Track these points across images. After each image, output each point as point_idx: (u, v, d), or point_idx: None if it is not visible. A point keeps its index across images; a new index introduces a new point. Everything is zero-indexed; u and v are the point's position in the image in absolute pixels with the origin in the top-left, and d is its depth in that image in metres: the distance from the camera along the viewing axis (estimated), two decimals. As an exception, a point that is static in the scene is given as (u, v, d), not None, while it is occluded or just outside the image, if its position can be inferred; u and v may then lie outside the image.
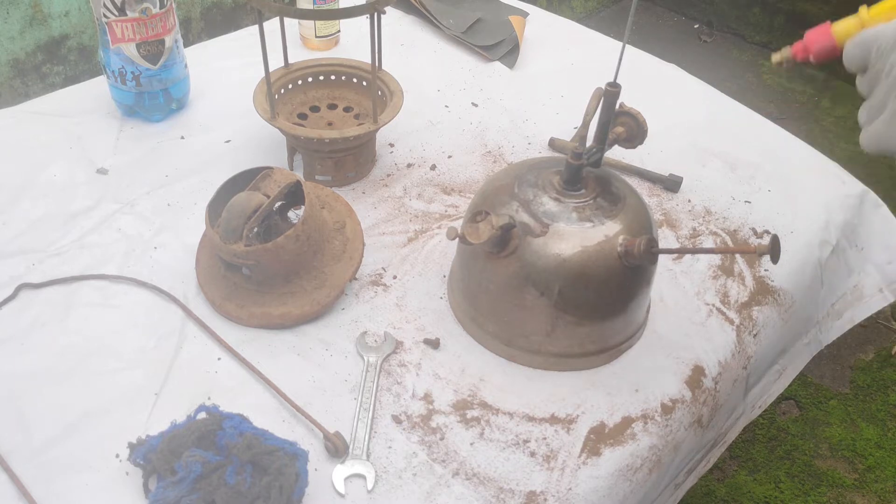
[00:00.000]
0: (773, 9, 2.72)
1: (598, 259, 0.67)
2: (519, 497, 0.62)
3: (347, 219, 0.80)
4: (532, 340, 0.71)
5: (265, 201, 0.73)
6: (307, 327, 0.74)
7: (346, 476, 0.62)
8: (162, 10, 0.90)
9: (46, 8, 1.35)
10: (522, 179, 0.71)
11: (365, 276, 0.80)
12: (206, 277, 0.77)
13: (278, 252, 0.71)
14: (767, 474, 1.50)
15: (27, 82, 1.40)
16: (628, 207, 0.70)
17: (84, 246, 0.81)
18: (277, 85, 0.91)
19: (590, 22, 1.59)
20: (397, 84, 0.91)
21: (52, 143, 0.95)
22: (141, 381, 0.68)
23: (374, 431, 0.66)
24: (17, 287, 0.76)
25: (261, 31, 0.81)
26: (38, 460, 0.62)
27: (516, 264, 0.68)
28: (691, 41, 2.82)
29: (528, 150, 1.00)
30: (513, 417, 0.68)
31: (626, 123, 0.79)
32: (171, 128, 0.99)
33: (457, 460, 0.64)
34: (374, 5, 0.79)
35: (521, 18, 1.24)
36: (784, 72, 0.69)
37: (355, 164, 0.91)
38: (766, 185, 0.97)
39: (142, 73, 0.93)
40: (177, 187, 0.90)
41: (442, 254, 0.83)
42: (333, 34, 1.16)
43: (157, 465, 0.58)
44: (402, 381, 0.70)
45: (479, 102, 1.08)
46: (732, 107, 1.12)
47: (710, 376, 0.74)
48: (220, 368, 0.70)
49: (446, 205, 0.91)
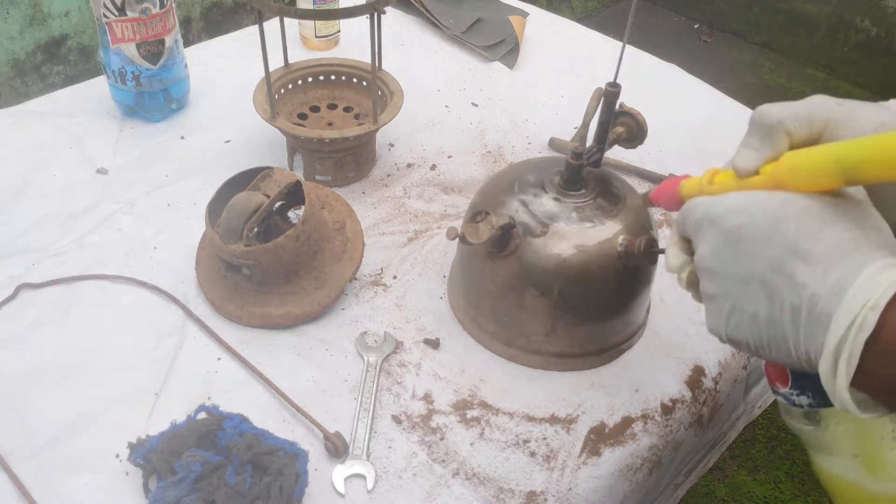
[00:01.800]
0: (773, 9, 2.72)
1: (598, 259, 0.67)
2: (519, 497, 0.62)
3: (347, 219, 0.80)
4: (532, 340, 0.71)
5: (265, 201, 0.73)
6: (307, 327, 0.74)
7: (346, 476, 0.62)
8: (162, 10, 0.90)
9: (46, 8, 1.36)
10: (522, 179, 0.71)
11: (365, 276, 0.80)
12: (206, 277, 0.77)
13: (278, 252, 0.71)
14: (767, 474, 1.50)
15: (27, 82, 1.40)
16: (628, 207, 0.70)
17: (84, 246, 0.81)
18: (277, 85, 0.91)
19: (590, 22, 1.59)
20: (397, 84, 0.91)
21: (52, 143, 0.95)
22: (141, 381, 0.68)
23: (374, 431, 0.66)
24: (17, 287, 0.76)
25: (261, 31, 0.81)
26: (38, 460, 0.62)
27: (516, 264, 0.68)
28: (691, 41, 2.82)
29: (528, 150, 1.00)
30: (513, 417, 0.68)
31: (626, 123, 0.79)
32: (171, 128, 0.99)
33: (457, 460, 0.64)
34: (374, 5, 0.79)
35: (521, 18, 1.24)
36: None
37: (355, 164, 0.91)
38: (766, 185, 0.97)
39: (142, 73, 0.93)
40: (177, 187, 0.90)
41: (442, 254, 0.83)
42: (333, 34, 1.16)
43: (157, 465, 0.58)
44: (402, 381, 0.70)
45: (479, 102, 1.08)
46: (732, 107, 1.12)
47: (710, 376, 0.74)
48: (220, 368, 0.70)
49: (446, 205, 0.90)
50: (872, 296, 0.38)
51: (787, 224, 0.43)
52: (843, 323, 0.39)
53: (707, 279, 0.48)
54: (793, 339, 0.43)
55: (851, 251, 0.41)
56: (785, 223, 0.43)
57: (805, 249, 0.42)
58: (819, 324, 0.41)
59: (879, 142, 0.41)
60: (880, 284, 0.38)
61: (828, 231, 0.42)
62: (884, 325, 0.38)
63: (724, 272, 0.46)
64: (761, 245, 0.44)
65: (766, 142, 0.47)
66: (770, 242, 0.43)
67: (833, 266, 0.41)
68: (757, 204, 0.45)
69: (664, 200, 0.56)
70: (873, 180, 0.42)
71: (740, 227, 0.45)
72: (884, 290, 0.38)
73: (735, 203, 0.46)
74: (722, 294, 0.47)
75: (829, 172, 0.42)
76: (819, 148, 0.44)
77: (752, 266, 0.44)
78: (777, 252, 0.43)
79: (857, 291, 0.39)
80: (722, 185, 0.49)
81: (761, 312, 0.44)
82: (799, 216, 0.43)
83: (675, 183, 0.54)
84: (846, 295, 0.39)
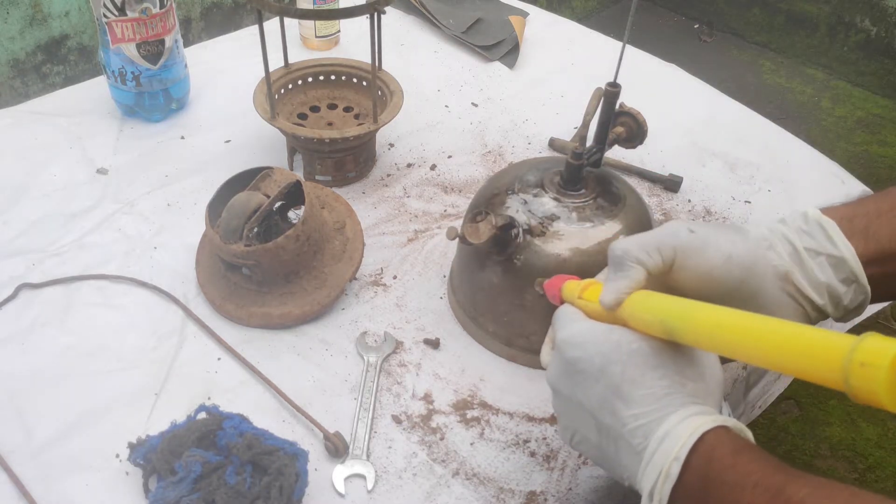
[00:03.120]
0: (773, 9, 2.72)
1: (599, 259, 0.67)
2: (519, 497, 0.62)
3: (347, 219, 0.80)
4: (532, 340, 0.71)
5: (265, 201, 0.73)
6: (307, 327, 0.74)
7: (346, 476, 0.62)
8: (162, 10, 0.90)
9: (46, 8, 1.36)
10: (522, 179, 0.71)
11: (365, 276, 0.80)
12: (206, 277, 0.77)
13: (278, 252, 0.71)
14: (767, 474, 1.49)
15: (27, 82, 1.40)
16: (628, 207, 0.70)
17: (84, 246, 0.81)
18: (277, 85, 0.91)
19: (590, 22, 1.59)
20: (397, 84, 0.91)
21: (52, 143, 0.95)
22: (141, 381, 0.68)
23: (374, 431, 0.66)
24: (17, 287, 0.76)
25: (261, 31, 0.81)
26: (38, 460, 0.62)
27: (516, 264, 0.68)
28: (691, 41, 2.82)
29: (528, 150, 1.00)
30: (513, 417, 0.68)
31: (626, 123, 0.79)
32: (171, 128, 0.99)
33: (457, 460, 0.64)
34: (374, 5, 0.79)
35: (521, 18, 1.24)
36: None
37: (355, 164, 0.91)
38: (766, 185, 0.97)
39: (142, 73, 0.93)
40: (177, 187, 0.90)
41: (442, 254, 0.83)
42: (333, 34, 1.16)
43: (157, 465, 0.58)
44: (402, 381, 0.70)
45: (479, 102, 1.08)
46: (732, 107, 1.12)
47: (710, 376, 0.74)
48: (220, 368, 0.70)
49: (446, 205, 0.90)
50: (675, 447, 0.44)
51: (615, 366, 0.48)
52: (652, 473, 0.45)
53: (554, 396, 0.54)
54: (618, 467, 0.49)
55: (661, 398, 0.46)
56: (613, 364, 0.48)
57: (625, 392, 0.47)
58: (636, 459, 0.46)
59: (692, 315, 0.45)
60: (682, 434, 0.44)
61: (648, 376, 0.47)
62: (685, 472, 0.43)
63: (565, 394, 0.51)
64: (592, 381, 0.49)
65: (619, 273, 0.50)
66: (598, 381, 0.48)
67: (645, 410, 0.46)
68: (593, 341, 0.49)
69: (549, 294, 0.60)
70: (691, 345, 0.46)
71: (577, 361, 0.50)
72: (683, 441, 0.43)
73: (576, 335, 0.51)
74: (564, 412, 0.53)
75: (656, 329, 0.47)
76: (651, 301, 0.48)
77: (584, 397, 0.50)
78: (603, 390, 0.48)
79: (659, 439, 0.45)
80: (587, 303, 0.53)
81: (593, 439, 0.50)
82: (626, 360, 0.47)
83: (562, 280, 0.58)
84: (651, 441, 0.45)
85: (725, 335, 0.43)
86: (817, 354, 0.37)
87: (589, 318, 0.52)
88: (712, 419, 0.44)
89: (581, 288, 0.54)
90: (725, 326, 0.43)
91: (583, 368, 0.49)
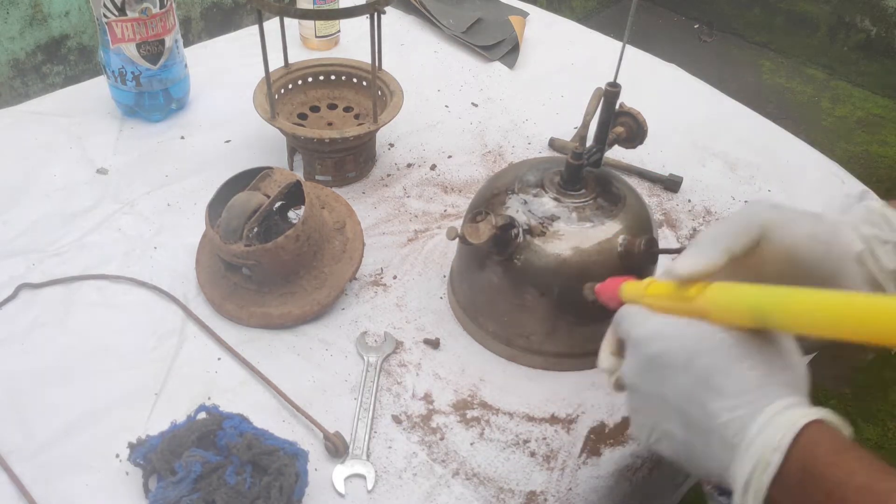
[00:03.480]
0: (773, 9, 2.72)
1: (598, 259, 0.67)
2: (519, 497, 0.62)
3: (347, 219, 0.80)
4: (532, 340, 0.71)
5: (265, 201, 0.73)
6: (307, 327, 0.74)
7: (346, 476, 0.62)
8: (162, 10, 0.90)
9: (46, 8, 1.35)
10: (522, 179, 0.71)
11: (365, 276, 0.80)
12: (206, 277, 0.77)
13: (278, 252, 0.71)
14: (767, 474, 1.49)
15: (27, 82, 1.40)
16: (628, 207, 0.70)
17: (84, 246, 0.81)
18: (277, 85, 0.91)
19: (590, 22, 1.59)
20: (397, 84, 0.91)
21: (52, 143, 0.95)
22: (141, 381, 0.68)
23: (374, 431, 0.66)
24: (17, 287, 0.76)
25: (261, 31, 0.81)
26: (38, 460, 0.62)
27: (516, 264, 0.68)
28: (691, 41, 2.82)
29: (528, 150, 1.00)
30: (513, 417, 0.68)
31: (626, 123, 0.79)
32: (171, 128, 0.99)
33: (457, 460, 0.64)
34: (374, 5, 0.79)
35: (521, 18, 1.24)
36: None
37: (355, 164, 0.91)
38: (766, 185, 0.97)
39: (142, 73, 0.93)
40: (177, 187, 0.90)
41: (442, 254, 0.83)
42: (333, 34, 1.16)
43: (157, 465, 0.58)
44: (402, 381, 0.70)
45: (479, 102, 1.08)
46: (732, 107, 1.12)
47: (710, 376, 0.74)
48: (220, 368, 0.70)
49: (446, 205, 0.90)
50: (775, 437, 0.42)
51: (702, 357, 0.46)
52: (749, 463, 0.43)
53: (631, 393, 0.52)
54: (707, 461, 0.46)
55: (754, 389, 0.44)
56: (699, 356, 0.46)
57: (716, 384, 0.45)
58: (729, 452, 0.44)
59: (789, 298, 0.43)
60: (781, 425, 0.42)
61: (738, 367, 0.45)
62: (784, 463, 0.41)
63: (646, 390, 0.50)
64: (677, 375, 0.47)
65: (696, 250, 0.49)
66: (685, 373, 0.47)
67: (739, 402, 0.44)
68: (675, 335, 0.48)
69: (605, 297, 0.58)
70: (782, 331, 0.45)
71: (659, 355, 0.48)
72: (784, 431, 0.42)
73: (656, 330, 0.49)
74: (644, 409, 0.50)
75: (742, 316, 0.45)
76: (739, 289, 0.46)
77: (669, 391, 0.48)
78: (691, 383, 0.46)
79: (758, 430, 0.43)
80: (655, 298, 0.51)
81: (678, 434, 0.48)
82: (712, 351, 0.46)
83: (618, 282, 0.56)
84: (748, 432, 0.43)
85: (834, 314, 0.41)
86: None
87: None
88: (812, 411, 0.43)
89: (645, 286, 0.53)
90: (831, 306, 0.41)
91: (667, 362, 0.48)
